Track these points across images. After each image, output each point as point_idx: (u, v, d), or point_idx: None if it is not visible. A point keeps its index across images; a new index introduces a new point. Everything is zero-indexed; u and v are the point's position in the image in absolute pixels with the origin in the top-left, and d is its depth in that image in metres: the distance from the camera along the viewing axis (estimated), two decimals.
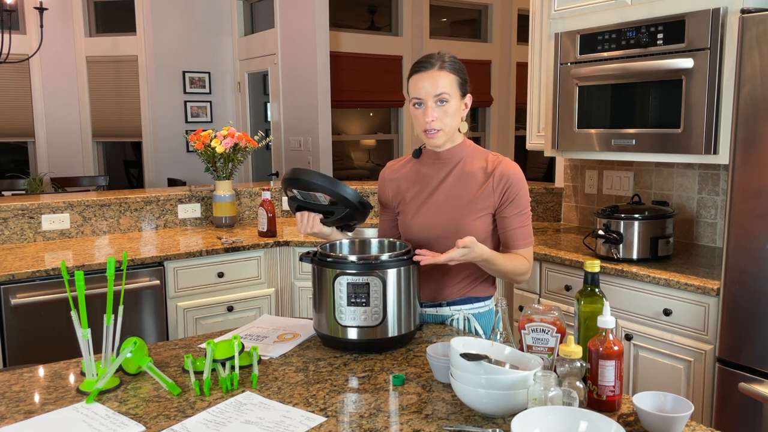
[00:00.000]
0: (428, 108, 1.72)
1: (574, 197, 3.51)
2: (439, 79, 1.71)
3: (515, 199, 1.77)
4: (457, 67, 1.75)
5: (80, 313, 1.42)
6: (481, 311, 1.86)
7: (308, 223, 1.77)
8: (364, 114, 7.49)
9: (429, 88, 1.71)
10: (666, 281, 2.33)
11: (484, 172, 1.79)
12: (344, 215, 1.74)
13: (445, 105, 1.72)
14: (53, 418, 1.28)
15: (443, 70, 1.72)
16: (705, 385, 2.26)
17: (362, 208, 1.74)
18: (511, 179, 1.76)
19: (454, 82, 1.73)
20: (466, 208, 1.78)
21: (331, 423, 1.25)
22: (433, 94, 1.71)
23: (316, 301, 1.67)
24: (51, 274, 2.56)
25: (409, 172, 1.90)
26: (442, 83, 1.71)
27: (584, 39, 2.79)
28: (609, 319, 1.28)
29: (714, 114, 2.39)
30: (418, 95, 1.73)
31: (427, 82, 1.71)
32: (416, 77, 1.74)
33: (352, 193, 1.70)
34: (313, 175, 1.69)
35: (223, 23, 6.58)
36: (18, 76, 6.10)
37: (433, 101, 1.72)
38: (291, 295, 3.17)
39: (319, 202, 1.74)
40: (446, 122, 1.74)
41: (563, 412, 1.15)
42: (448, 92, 1.72)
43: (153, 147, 6.43)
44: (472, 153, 1.83)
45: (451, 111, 1.73)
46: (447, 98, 1.72)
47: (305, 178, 1.70)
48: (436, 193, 1.82)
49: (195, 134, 3.40)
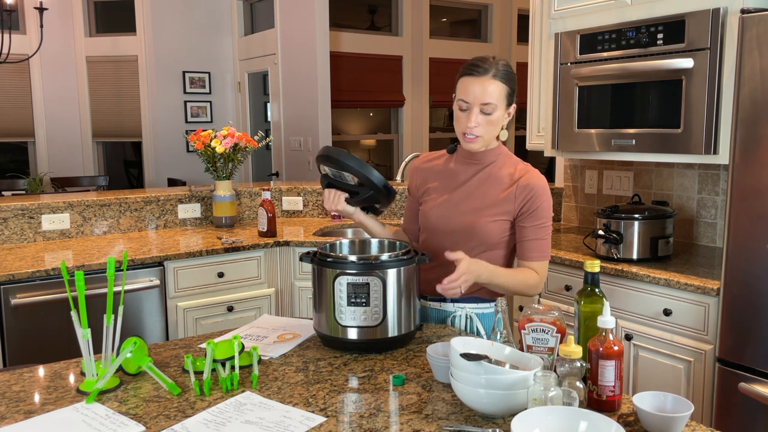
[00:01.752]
0: (473, 114, 1.72)
1: (574, 197, 3.51)
2: (489, 86, 1.70)
3: (536, 211, 1.76)
4: (510, 76, 1.74)
5: (80, 313, 1.42)
6: (486, 312, 1.86)
7: (334, 199, 1.83)
8: (364, 114, 7.49)
9: (478, 94, 1.70)
10: (666, 281, 2.33)
11: (511, 179, 1.79)
12: (368, 197, 1.80)
13: (490, 115, 1.72)
14: (53, 418, 1.28)
15: (496, 79, 1.71)
16: (705, 385, 2.26)
17: (386, 193, 1.79)
18: (534, 190, 1.76)
19: (504, 92, 1.72)
20: (485, 209, 1.78)
21: (331, 423, 1.25)
22: (480, 101, 1.70)
23: (315, 301, 1.67)
24: (51, 274, 2.56)
25: (439, 165, 1.91)
26: (491, 92, 1.70)
27: (584, 39, 2.79)
28: (609, 319, 1.28)
29: (714, 114, 2.39)
30: (465, 98, 1.72)
31: (478, 87, 1.70)
32: (468, 80, 1.72)
33: (378, 177, 1.76)
34: (344, 155, 1.76)
35: (223, 23, 6.58)
36: (18, 76, 6.11)
37: (479, 108, 1.71)
38: (291, 295, 3.17)
39: (347, 181, 1.80)
40: (488, 130, 1.74)
41: (563, 412, 1.15)
42: (496, 102, 1.71)
43: (153, 147, 6.43)
44: (503, 158, 1.83)
45: (494, 120, 1.73)
46: (493, 109, 1.71)
47: (335, 156, 1.77)
48: (460, 189, 1.83)
49: (195, 134, 3.40)
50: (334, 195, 1.83)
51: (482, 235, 1.77)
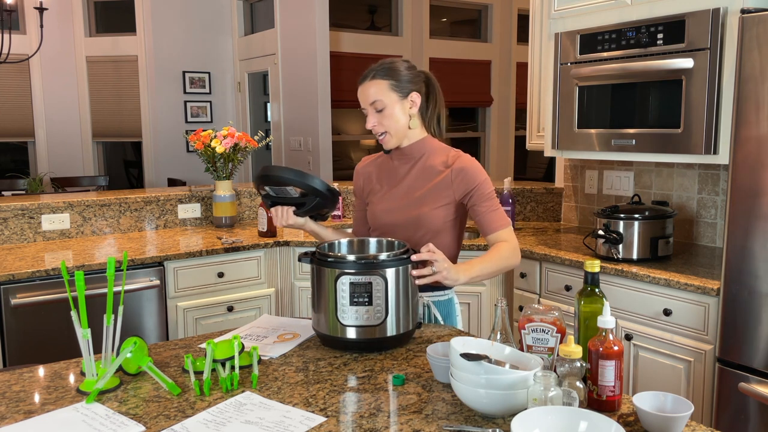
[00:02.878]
0: (369, 116, 1.86)
1: (574, 197, 3.51)
2: (369, 89, 1.84)
3: (476, 187, 1.84)
4: (390, 71, 1.85)
5: (80, 313, 1.42)
6: (441, 299, 1.94)
7: (282, 216, 1.88)
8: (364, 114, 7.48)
9: (363, 99, 1.86)
10: (666, 281, 2.34)
11: (444, 165, 1.88)
12: (315, 204, 1.84)
13: (383, 111, 1.84)
14: (53, 418, 1.28)
15: (374, 79, 1.84)
16: (705, 385, 2.26)
17: (331, 196, 1.84)
18: (467, 171, 1.84)
19: (385, 86, 1.83)
20: (426, 198, 1.87)
21: (331, 423, 1.25)
22: (369, 103, 1.85)
23: (314, 301, 1.68)
24: (51, 274, 2.56)
25: (379, 166, 2.02)
26: (372, 92, 1.84)
27: (584, 39, 2.79)
28: (609, 319, 1.29)
29: (714, 114, 2.39)
30: (361, 106, 1.88)
31: (361, 94, 1.86)
32: (358, 91, 1.88)
33: (320, 183, 1.80)
34: (282, 170, 1.79)
35: (223, 23, 6.58)
36: (18, 76, 6.10)
37: (370, 110, 1.85)
38: (291, 295, 3.17)
39: (290, 195, 1.84)
40: (388, 125, 1.85)
41: (563, 412, 1.15)
42: (380, 99, 1.83)
43: (153, 147, 6.43)
44: (434, 149, 1.92)
45: (389, 114, 1.84)
46: (382, 105, 1.83)
47: (274, 174, 1.80)
48: (400, 185, 1.92)
49: (195, 134, 3.40)
50: (282, 211, 1.88)
51: (428, 224, 1.86)
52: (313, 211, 1.88)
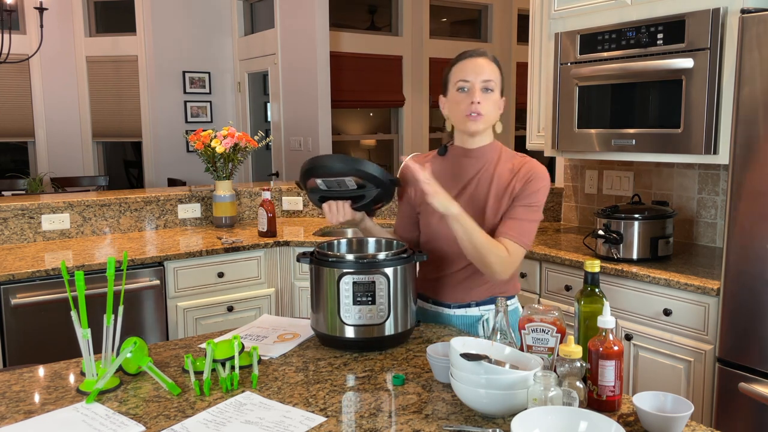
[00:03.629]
0: (476, 90, 1.70)
1: (574, 197, 3.51)
2: (486, 66, 1.72)
3: (531, 193, 1.72)
4: (499, 64, 1.78)
5: (80, 313, 1.42)
6: (510, 308, 1.82)
7: (339, 211, 1.71)
8: (364, 114, 7.49)
9: (478, 71, 1.71)
10: (666, 281, 2.33)
11: (511, 173, 1.76)
12: (375, 196, 1.69)
13: (490, 94, 1.72)
14: (53, 418, 1.28)
15: (491, 61, 1.75)
16: (705, 385, 2.26)
17: (392, 186, 1.70)
18: (535, 174, 1.74)
19: (499, 76, 1.75)
20: (490, 211, 1.74)
21: (331, 423, 1.25)
22: (481, 79, 1.71)
23: (314, 301, 1.67)
24: (51, 274, 2.56)
25: (435, 166, 1.81)
26: (489, 71, 1.72)
27: (584, 39, 2.79)
28: (609, 319, 1.28)
29: (714, 114, 2.39)
30: (465, 77, 1.71)
31: (477, 66, 1.72)
32: (465, 62, 1.74)
33: (379, 171, 1.65)
34: (337, 159, 1.63)
35: (223, 23, 6.58)
36: (18, 76, 6.11)
37: (480, 86, 1.70)
38: (291, 295, 3.17)
39: (346, 187, 1.67)
40: (489, 110, 1.73)
41: (563, 412, 1.15)
42: (495, 82, 1.72)
43: (153, 147, 6.43)
44: (500, 153, 1.80)
45: (493, 101, 1.74)
46: (493, 87, 1.72)
47: (328, 164, 1.64)
48: (464, 192, 1.77)
49: (195, 134, 3.40)
50: (337, 206, 1.71)
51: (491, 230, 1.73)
52: (372, 204, 1.73)
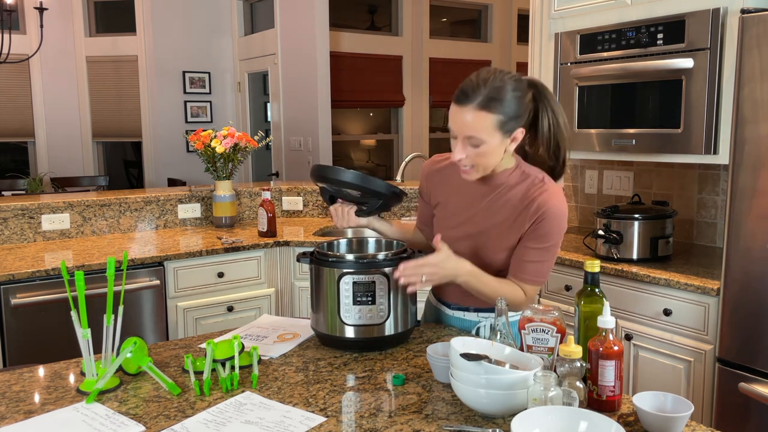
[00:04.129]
0: (458, 144, 1.55)
1: (574, 197, 3.51)
2: (468, 119, 1.51)
3: (542, 234, 1.60)
4: (498, 102, 1.51)
5: (80, 313, 1.42)
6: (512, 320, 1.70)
7: (344, 216, 1.75)
8: (364, 114, 7.49)
9: (460, 126, 1.53)
10: (666, 281, 2.33)
11: (524, 200, 1.62)
12: (378, 206, 1.74)
13: (478, 147, 1.53)
14: (53, 418, 1.28)
15: (480, 109, 1.50)
16: (705, 385, 2.26)
17: (395, 198, 1.73)
18: (546, 213, 1.58)
19: (491, 122, 1.50)
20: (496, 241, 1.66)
21: (331, 423, 1.25)
22: (463, 134, 1.53)
23: (314, 301, 1.68)
24: (51, 274, 2.56)
25: (450, 177, 1.76)
26: (472, 124, 1.51)
27: (584, 39, 2.79)
28: (609, 319, 1.28)
29: (714, 114, 2.39)
30: (450, 126, 1.56)
31: (459, 118, 1.53)
32: (453, 109, 1.56)
33: (382, 185, 1.69)
34: (340, 173, 1.67)
35: (223, 23, 6.58)
36: (18, 76, 6.11)
37: (463, 140, 1.54)
38: (291, 295, 3.17)
39: (351, 196, 1.74)
40: (479, 162, 1.56)
41: (563, 412, 1.15)
42: (482, 137, 1.51)
43: (153, 147, 6.43)
44: (517, 178, 1.65)
45: (485, 151, 1.54)
46: (479, 142, 1.52)
47: (332, 176, 1.68)
48: (470, 218, 1.69)
49: (195, 134, 3.40)
50: (342, 211, 1.75)
51: (491, 265, 1.67)
52: (376, 212, 1.78)
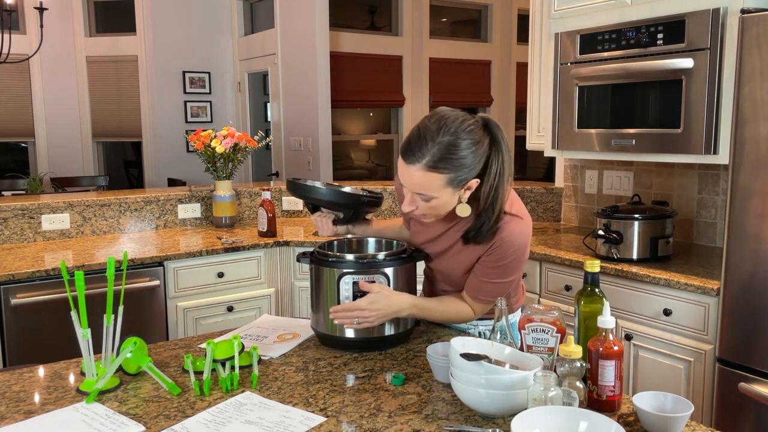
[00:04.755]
0: (407, 199, 1.49)
1: (574, 197, 3.51)
2: (417, 178, 1.43)
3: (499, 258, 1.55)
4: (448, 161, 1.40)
5: (80, 313, 1.42)
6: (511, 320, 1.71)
7: (323, 227, 1.82)
8: (364, 114, 7.49)
9: (409, 184, 1.46)
10: (666, 281, 2.33)
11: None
12: (353, 215, 1.80)
13: (429, 202, 1.47)
14: (53, 418, 1.28)
15: (430, 170, 1.41)
16: (705, 385, 2.26)
17: (369, 205, 1.77)
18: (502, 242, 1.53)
19: (442, 182, 1.42)
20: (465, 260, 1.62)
21: (331, 423, 1.25)
22: (412, 190, 1.47)
23: (314, 301, 1.68)
24: (51, 274, 2.56)
25: None
26: (422, 184, 1.43)
27: (584, 39, 2.79)
28: (609, 319, 1.28)
29: (714, 114, 2.39)
30: (401, 179, 1.49)
31: (407, 174, 1.44)
32: (400, 162, 1.46)
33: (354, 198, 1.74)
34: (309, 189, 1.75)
35: (223, 23, 6.58)
36: (18, 76, 6.10)
37: (413, 195, 1.48)
38: (291, 295, 3.17)
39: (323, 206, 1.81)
40: (432, 213, 1.52)
41: (563, 412, 1.15)
42: (429, 194, 1.45)
43: (153, 147, 6.43)
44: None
45: (437, 204, 1.48)
46: (430, 198, 1.46)
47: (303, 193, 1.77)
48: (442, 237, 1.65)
49: (195, 134, 3.40)
50: (322, 222, 1.81)
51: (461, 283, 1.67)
52: (354, 220, 1.83)
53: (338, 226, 1.83)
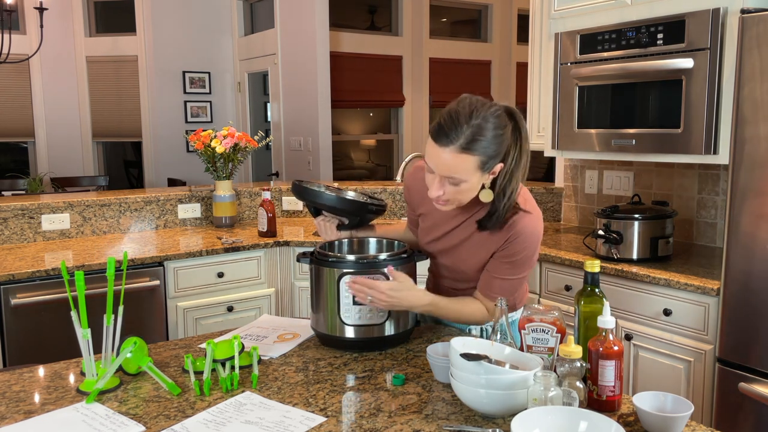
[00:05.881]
0: (435, 183, 1.50)
1: (574, 197, 3.51)
2: (452, 161, 1.45)
3: (513, 253, 1.59)
4: (480, 143, 1.44)
5: (80, 313, 1.42)
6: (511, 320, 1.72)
7: (326, 231, 1.81)
8: (364, 114, 7.49)
9: (440, 166, 1.47)
10: (666, 281, 2.33)
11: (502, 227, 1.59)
12: (358, 222, 1.80)
13: (458, 186, 1.49)
14: (53, 418, 1.28)
15: (462, 151, 1.43)
16: (705, 385, 2.26)
17: (374, 213, 1.78)
18: (520, 233, 1.56)
19: (473, 165, 1.46)
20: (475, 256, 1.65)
21: (331, 423, 1.25)
22: (443, 174, 1.48)
23: (314, 301, 1.68)
24: (51, 274, 2.56)
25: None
26: (454, 166, 1.45)
27: (584, 39, 2.79)
28: (609, 319, 1.29)
29: (714, 114, 2.39)
30: (429, 163, 1.50)
31: (440, 159, 1.46)
32: (432, 146, 1.47)
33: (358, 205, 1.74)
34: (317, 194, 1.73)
35: (223, 23, 6.58)
36: (18, 76, 6.10)
37: (442, 179, 1.49)
38: (291, 296, 3.17)
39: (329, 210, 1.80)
40: (458, 198, 1.53)
41: (563, 412, 1.15)
42: (461, 177, 1.47)
43: (153, 147, 6.43)
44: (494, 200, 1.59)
45: (465, 188, 1.50)
46: (460, 181, 1.48)
47: (310, 197, 1.75)
48: (453, 233, 1.68)
49: (195, 134, 3.40)
50: (325, 226, 1.81)
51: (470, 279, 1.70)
52: (358, 227, 1.83)
53: (342, 231, 1.83)
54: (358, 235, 1.86)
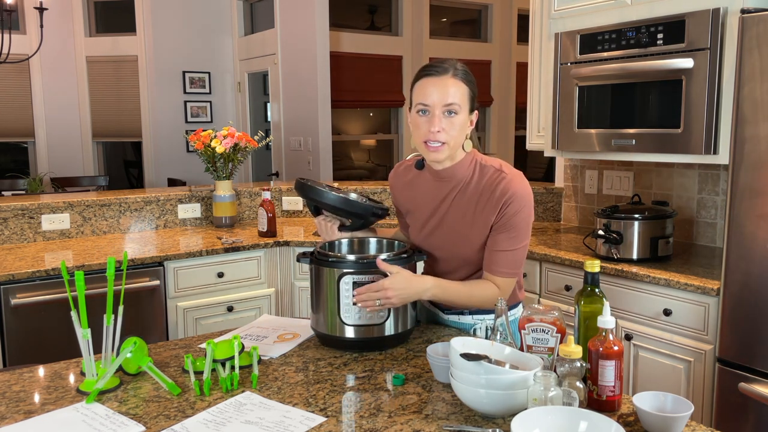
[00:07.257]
0: (435, 117, 1.57)
1: (574, 197, 3.51)
2: (450, 87, 1.56)
3: (511, 219, 1.62)
4: (470, 78, 1.61)
5: (80, 313, 1.42)
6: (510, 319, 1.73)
7: (327, 232, 1.81)
8: (364, 114, 7.49)
9: (439, 95, 1.56)
10: (666, 281, 2.33)
11: (489, 189, 1.64)
12: (360, 225, 1.80)
13: (454, 117, 1.57)
14: (53, 418, 1.28)
15: (456, 78, 1.58)
16: (705, 385, 2.26)
17: (377, 216, 1.77)
18: (513, 197, 1.62)
19: (466, 94, 1.59)
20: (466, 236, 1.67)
21: (331, 423, 1.25)
22: (442, 103, 1.56)
23: (314, 301, 1.68)
24: (51, 274, 2.56)
25: (413, 183, 1.79)
26: (453, 92, 1.56)
27: (584, 39, 2.79)
28: (609, 319, 1.28)
29: (714, 114, 2.39)
30: (425, 101, 1.57)
31: (438, 88, 1.56)
32: (425, 81, 1.58)
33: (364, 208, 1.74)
34: (323, 194, 1.72)
35: (223, 23, 6.58)
36: (18, 76, 6.10)
37: (441, 110, 1.57)
38: (291, 296, 3.17)
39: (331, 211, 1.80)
40: (452, 135, 1.58)
41: (563, 412, 1.15)
42: (459, 103, 1.57)
43: (153, 147, 6.43)
44: (474, 169, 1.67)
45: (458, 124, 1.59)
46: (457, 110, 1.57)
47: (314, 197, 1.73)
48: (434, 217, 1.72)
49: (195, 134, 3.40)
50: (326, 226, 1.81)
51: (469, 262, 1.70)
52: (359, 230, 1.83)
53: (343, 232, 1.82)
54: (358, 236, 1.86)
